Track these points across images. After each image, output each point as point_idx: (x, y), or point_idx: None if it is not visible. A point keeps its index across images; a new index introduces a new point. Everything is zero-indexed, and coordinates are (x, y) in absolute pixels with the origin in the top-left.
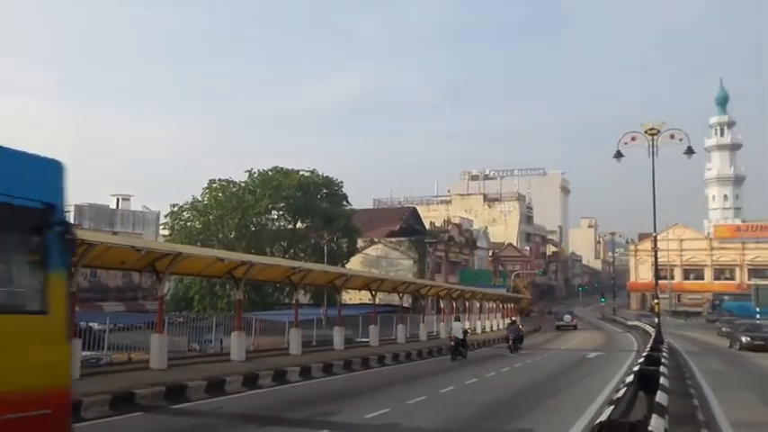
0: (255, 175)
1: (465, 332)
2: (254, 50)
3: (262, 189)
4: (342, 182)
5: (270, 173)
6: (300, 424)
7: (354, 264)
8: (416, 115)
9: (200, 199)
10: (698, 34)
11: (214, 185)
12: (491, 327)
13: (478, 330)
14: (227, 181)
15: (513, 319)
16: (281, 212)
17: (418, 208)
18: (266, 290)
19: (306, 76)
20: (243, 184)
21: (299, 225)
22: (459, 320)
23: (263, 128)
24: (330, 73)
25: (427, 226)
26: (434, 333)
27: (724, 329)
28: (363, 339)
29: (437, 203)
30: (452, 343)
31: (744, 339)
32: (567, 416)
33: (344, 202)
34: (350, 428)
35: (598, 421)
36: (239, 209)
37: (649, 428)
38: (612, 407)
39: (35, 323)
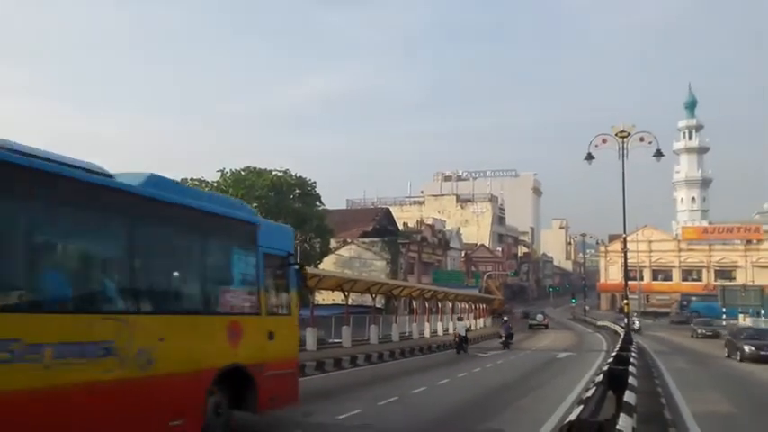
0: (228, 175)
1: (467, 330)
2: (235, 51)
3: (234, 189)
4: (315, 182)
5: (242, 173)
6: (272, 425)
7: (327, 264)
8: (390, 116)
9: None
10: (672, 38)
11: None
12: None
13: (451, 331)
14: (198, 180)
15: (506, 318)
16: None
17: (391, 209)
18: None
19: (281, 77)
20: (215, 184)
21: None
22: (462, 320)
23: (246, 127)
24: (303, 74)
25: (400, 227)
26: (407, 334)
27: (700, 331)
28: (336, 340)
29: (410, 204)
30: (457, 339)
31: (746, 349)
32: (538, 416)
33: (318, 203)
34: (321, 429)
35: (567, 420)
36: None
37: (617, 427)
38: (582, 406)
39: (288, 321)
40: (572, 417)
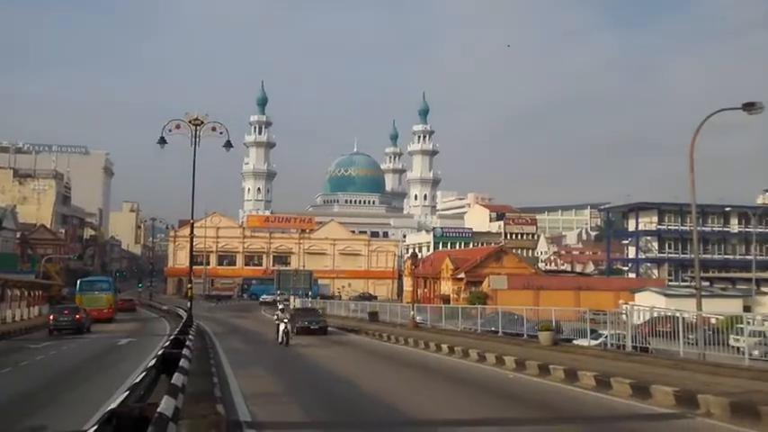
0: None
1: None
2: None
3: None
4: None
5: None
6: None
7: None
8: None
9: None
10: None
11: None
12: (14, 317)
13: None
14: None
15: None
16: None
17: None
18: None
19: None
20: None
21: None
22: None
23: None
24: None
25: None
26: None
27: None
28: None
29: None
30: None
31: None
32: (88, 407)
33: None
34: None
35: (109, 408)
36: None
37: (158, 410)
38: (128, 392)
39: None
40: (115, 404)
